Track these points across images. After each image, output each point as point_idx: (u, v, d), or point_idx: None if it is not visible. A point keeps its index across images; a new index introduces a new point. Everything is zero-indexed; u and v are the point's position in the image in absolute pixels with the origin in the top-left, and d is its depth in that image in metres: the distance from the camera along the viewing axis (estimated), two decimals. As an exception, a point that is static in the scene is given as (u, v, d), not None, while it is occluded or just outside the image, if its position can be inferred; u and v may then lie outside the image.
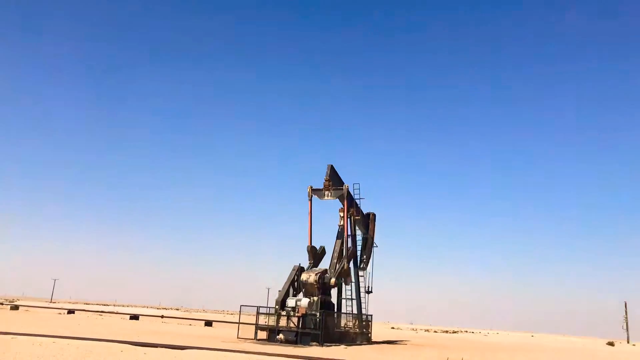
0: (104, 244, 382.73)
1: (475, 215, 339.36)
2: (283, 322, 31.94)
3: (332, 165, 38.30)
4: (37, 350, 17.10)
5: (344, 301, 39.34)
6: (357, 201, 40.86)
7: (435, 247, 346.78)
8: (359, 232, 42.67)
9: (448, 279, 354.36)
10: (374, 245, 44.35)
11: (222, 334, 37.02)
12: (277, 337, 31.08)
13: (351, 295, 39.57)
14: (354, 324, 38.33)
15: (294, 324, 31.39)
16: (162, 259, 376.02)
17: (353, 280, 39.09)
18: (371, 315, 39.69)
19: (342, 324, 36.76)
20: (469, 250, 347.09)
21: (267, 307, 33.35)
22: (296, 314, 31.43)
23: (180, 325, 52.63)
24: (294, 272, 34.03)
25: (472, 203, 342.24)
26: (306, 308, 31.69)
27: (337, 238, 38.27)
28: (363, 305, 39.88)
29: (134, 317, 56.67)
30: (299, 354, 21.45)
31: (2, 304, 79.17)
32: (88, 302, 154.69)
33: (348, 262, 37.94)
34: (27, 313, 55.66)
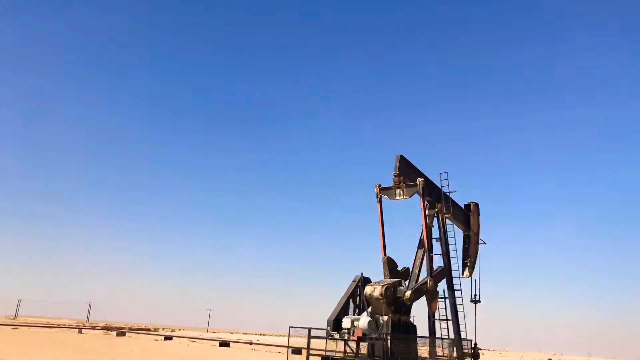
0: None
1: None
2: (341, 346, 24.90)
3: (401, 156, 30.21)
4: None
5: (438, 323, 31.02)
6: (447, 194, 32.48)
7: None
8: (457, 230, 33.93)
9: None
10: (481, 242, 35.21)
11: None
12: (330, 366, 24.08)
13: (446, 315, 31.15)
14: (449, 354, 29.78)
15: (352, 350, 24.17)
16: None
17: (446, 303, 30.63)
18: (470, 341, 30.71)
19: (440, 353, 28.50)
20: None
21: (320, 328, 26.38)
22: (352, 338, 24.19)
23: (270, 352, 47.67)
24: (355, 283, 26.77)
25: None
26: (365, 329, 24.26)
27: (419, 247, 30.30)
28: (462, 328, 31.19)
29: (224, 344, 52.90)
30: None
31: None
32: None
33: (435, 280, 29.33)
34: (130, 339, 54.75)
